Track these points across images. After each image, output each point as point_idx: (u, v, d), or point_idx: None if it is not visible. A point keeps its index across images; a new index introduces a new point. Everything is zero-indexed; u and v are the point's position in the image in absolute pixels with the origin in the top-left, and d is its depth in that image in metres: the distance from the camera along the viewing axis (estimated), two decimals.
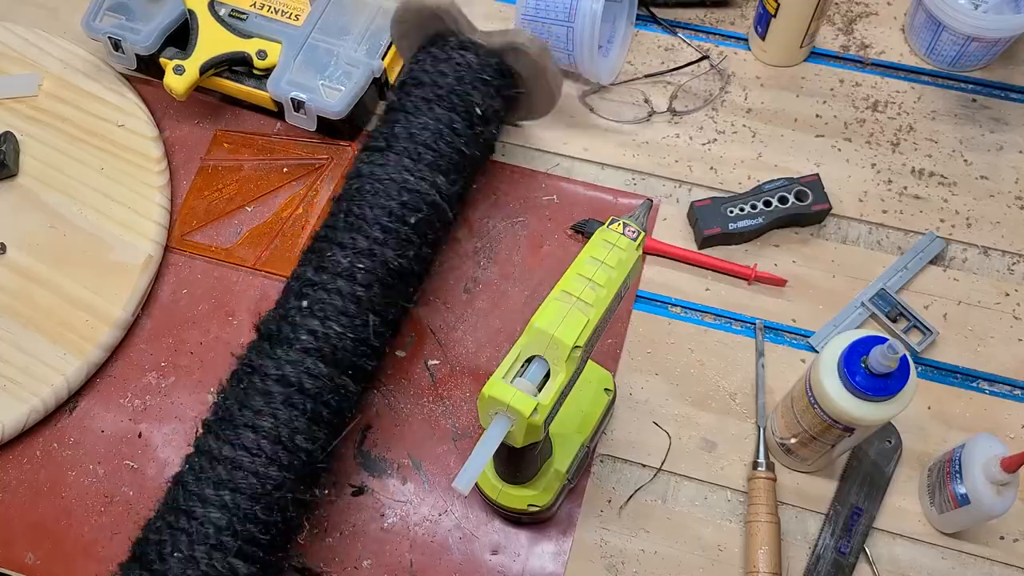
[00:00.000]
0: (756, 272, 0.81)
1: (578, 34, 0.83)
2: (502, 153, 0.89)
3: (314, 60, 0.85)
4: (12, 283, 0.83)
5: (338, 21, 0.87)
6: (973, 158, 0.86)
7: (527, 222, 0.85)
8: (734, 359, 0.79)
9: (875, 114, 0.88)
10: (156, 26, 0.87)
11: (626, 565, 0.73)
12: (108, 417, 0.80)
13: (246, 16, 0.87)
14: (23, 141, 0.88)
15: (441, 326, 0.82)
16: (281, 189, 0.88)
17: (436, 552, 0.74)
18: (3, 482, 0.78)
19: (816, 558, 0.71)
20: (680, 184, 0.87)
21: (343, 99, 0.83)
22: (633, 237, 0.57)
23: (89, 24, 0.88)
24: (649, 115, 0.89)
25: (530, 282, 0.83)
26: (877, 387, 0.59)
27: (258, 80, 0.87)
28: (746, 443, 0.76)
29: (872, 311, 0.79)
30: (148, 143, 0.88)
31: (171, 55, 0.87)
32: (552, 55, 0.78)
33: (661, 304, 0.82)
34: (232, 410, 0.67)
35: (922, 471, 0.74)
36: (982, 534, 0.72)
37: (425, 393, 0.79)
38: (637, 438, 0.77)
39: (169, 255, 0.86)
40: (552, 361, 0.54)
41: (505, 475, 0.67)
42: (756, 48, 0.91)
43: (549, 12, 0.83)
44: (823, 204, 0.82)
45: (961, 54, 0.87)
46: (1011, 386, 0.77)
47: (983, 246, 0.82)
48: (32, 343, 0.80)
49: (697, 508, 0.75)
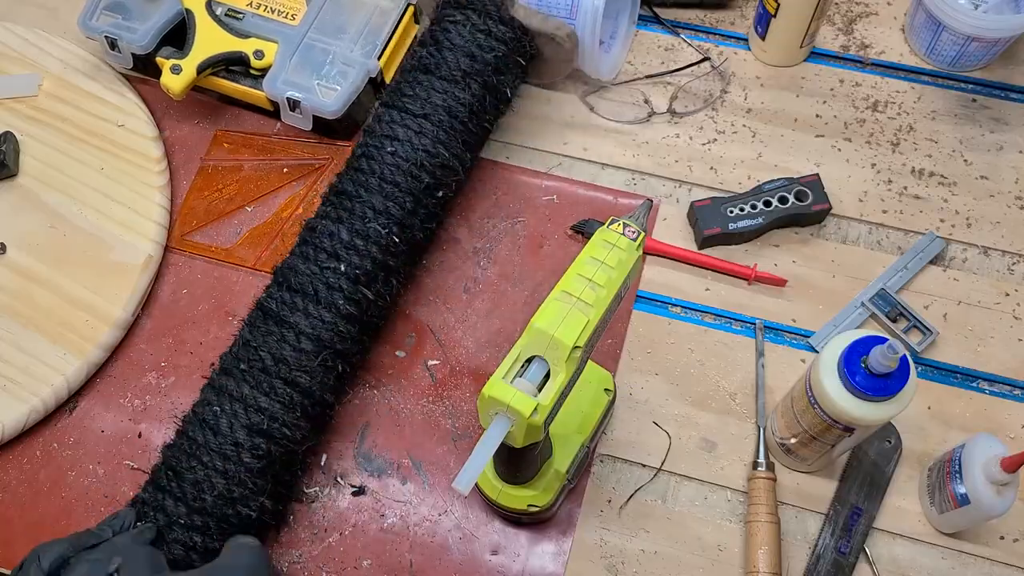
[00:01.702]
0: (756, 272, 0.81)
1: (580, 29, 0.83)
2: (504, 154, 0.89)
3: (310, 59, 0.85)
4: (12, 283, 0.83)
5: (334, 21, 0.87)
6: (973, 158, 0.86)
7: (527, 222, 0.85)
8: (734, 359, 0.79)
9: (875, 114, 0.88)
10: (153, 25, 0.87)
11: (626, 565, 0.73)
12: (108, 417, 0.80)
13: (243, 16, 0.87)
14: (23, 141, 0.88)
15: (441, 326, 0.82)
16: (281, 189, 0.88)
17: (436, 552, 0.74)
18: (3, 482, 0.78)
19: (816, 558, 0.71)
20: (680, 184, 0.87)
21: (339, 99, 0.83)
22: (633, 237, 0.57)
23: (85, 23, 0.88)
24: (649, 115, 0.89)
25: (530, 282, 0.83)
26: (877, 387, 0.59)
27: (255, 80, 0.87)
28: (746, 443, 0.76)
29: (872, 311, 0.79)
30: (148, 143, 0.88)
31: (168, 54, 0.87)
32: (579, 47, 0.79)
33: (661, 304, 0.82)
34: (266, 362, 0.70)
35: (922, 471, 0.74)
36: (982, 534, 0.72)
37: (425, 393, 0.79)
38: (637, 438, 0.77)
39: (169, 255, 0.86)
40: (552, 361, 0.54)
41: (505, 475, 0.67)
42: (756, 48, 0.91)
43: (551, 6, 0.83)
44: (823, 204, 0.82)
45: (961, 54, 0.87)
46: (1011, 386, 0.77)
47: (983, 246, 0.82)
48: (32, 343, 0.80)
49: (697, 508, 0.75)
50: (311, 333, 0.70)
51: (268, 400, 0.69)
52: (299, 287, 0.72)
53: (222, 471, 0.67)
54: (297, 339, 0.70)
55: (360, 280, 0.72)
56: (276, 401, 0.69)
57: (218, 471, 0.67)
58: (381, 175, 0.74)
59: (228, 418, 0.69)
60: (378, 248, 0.73)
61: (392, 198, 0.74)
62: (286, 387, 0.69)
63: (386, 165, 0.74)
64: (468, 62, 0.77)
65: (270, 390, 0.69)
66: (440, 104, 0.76)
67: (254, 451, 0.68)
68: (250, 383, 0.70)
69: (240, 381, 0.70)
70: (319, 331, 0.71)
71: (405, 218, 0.74)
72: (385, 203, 0.73)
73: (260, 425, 0.68)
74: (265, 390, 0.69)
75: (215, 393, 0.71)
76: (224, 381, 0.71)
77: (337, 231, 0.73)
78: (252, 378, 0.70)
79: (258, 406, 0.69)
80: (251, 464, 0.68)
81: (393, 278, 0.75)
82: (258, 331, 0.72)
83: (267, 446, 0.68)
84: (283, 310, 0.72)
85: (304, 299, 0.71)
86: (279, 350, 0.70)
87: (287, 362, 0.70)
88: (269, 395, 0.69)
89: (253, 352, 0.71)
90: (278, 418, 0.69)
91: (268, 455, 0.68)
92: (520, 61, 0.79)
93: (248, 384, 0.70)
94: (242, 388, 0.70)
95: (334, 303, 0.71)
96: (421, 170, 0.75)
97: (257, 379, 0.70)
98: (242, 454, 0.68)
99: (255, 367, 0.70)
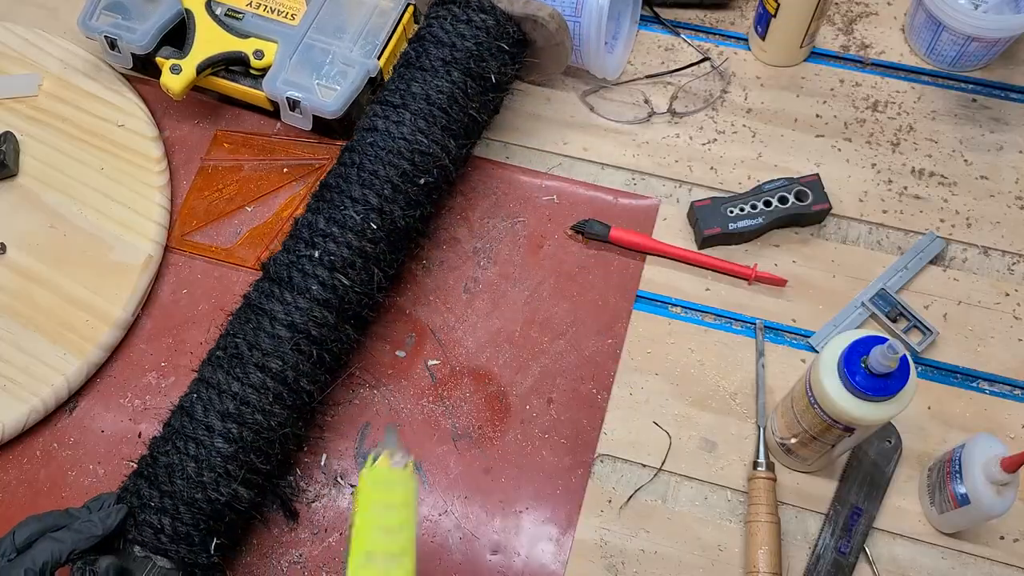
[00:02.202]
0: (756, 272, 0.81)
1: (585, 29, 0.83)
2: (504, 154, 0.89)
3: (310, 59, 0.85)
4: (12, 283, 0.83)
5: (334, 20, 0.87)
6: (973, 158, 0.86)
7: (527, 222, 0.85)
8: (734, 359, 0.79)
9: (875, 114, 0.88)
10: (152, 25, 0.87)
11: (626, 565, 0.73)
12: (108, 417, 0.80)
13: (242, 16, 0.87)
14: (23, 141, 0.88)
15: (441, 326, 0.82)
16: (281, 189, 0.88)
17: (436, 552, 0.74)
18: (3, 482, 0.78)
19: (816, 558, 0.71)
20: (680, 184, 0.87)
21: (339, 98, 0.83)
22: (403, 464, 0.55)
23: (85, 23, 0.88)
24: (649, 115, 0.89)
25: (530, 282, 0.83)
26: (877, 387, 0.59)
27: (254, 80, 0.87)
28: (746, 443, 0.76)
29: (872, 311, 0.79)
30: (148, 143, 0.88)
31: (167, 54, 0.87)
32: (568, 30, 0.79)
33: (661, 304, 0.82)
34: (241, 348, 0.70)
35: (922, 471, 0.74)
36: (982, 534, 0.72)
37: (425, 393, 0.79)
38: (637, 438, 0.77)
39: (169, 255, 0.86)
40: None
41: None
42: (756, 48, 0.91)
43: (556, 5, 0.83)
44: (823, 204, 0.82)
45: (961, 54, 0.87)
46: (1011, 386, 0.77)
47: (983, 246, 0.82)
48: (32, 343, 0.80)
49: (697, 508, 0.75)
50: (285, 319, 0.71)
51: (240, 385, 0.69)
52: (276, 276, 0.73)
53: (194, 456, 0.68)
54: (272, 325, 0.71)
55: (336, 266, 0.72)
56: (248, 386, 0.69)
57: (190, 456, 0.68)
58: (360, 165, 0.75)
59: (203, 404, 0.69)
60: (355, 235, 0.73)
61: (370, 186, 0.74)
62: (259, 372, 0.70)
63: (365, 156, 0.75)
64: (448, 51, 0.77)
65: (243, 375, 0.70)
66: (419, 93, 0.77)
67: (226, 436, 0.68)
68: (224, 369, 0.70)
69: (216, 368, 0.71)
70: (292, 316, 0.71)
71: (383, 204, 0.74)
72: (363, 191, 0.74)
73: (231, 410, 0.69)
74: (238, 375, 0.70)
75: (195, 382, 0.72)
76: (203, 369, 0.72)
77: (315, 220, 0.74)
78: (226, 364, 0.71)
79: (231, 391, 0.69)
80: (223, 449, 0.68)
81: (374, 266, 0.74)
82: (238, 320, 0.73)
83: (239, 431, 0.69)
84: (261, 299, 0.72)
85: (280, 287, 0.72)
86: (254, 337, 0.71)
87: (260, 348, 0.70)
88: (241, 380, 0.70)
89: (230, 340, 0.72)
90: (250, 403, 0.69)
91: (239, 440, 0.68)
92: (503, 46, 0.79)
93: (223, 370, 0.70)
94: (217, 375, 0.70)
95: (308, 289, 0.72)
96: (400, 157, 0.75)
97: (231, 365, 0.70)
98: (214, 439, 0.68)
99: (230, 354, 0.71)
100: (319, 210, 0.75)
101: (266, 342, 0.71)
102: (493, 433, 0.78)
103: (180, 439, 0.69)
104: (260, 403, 0.70)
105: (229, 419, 0.69)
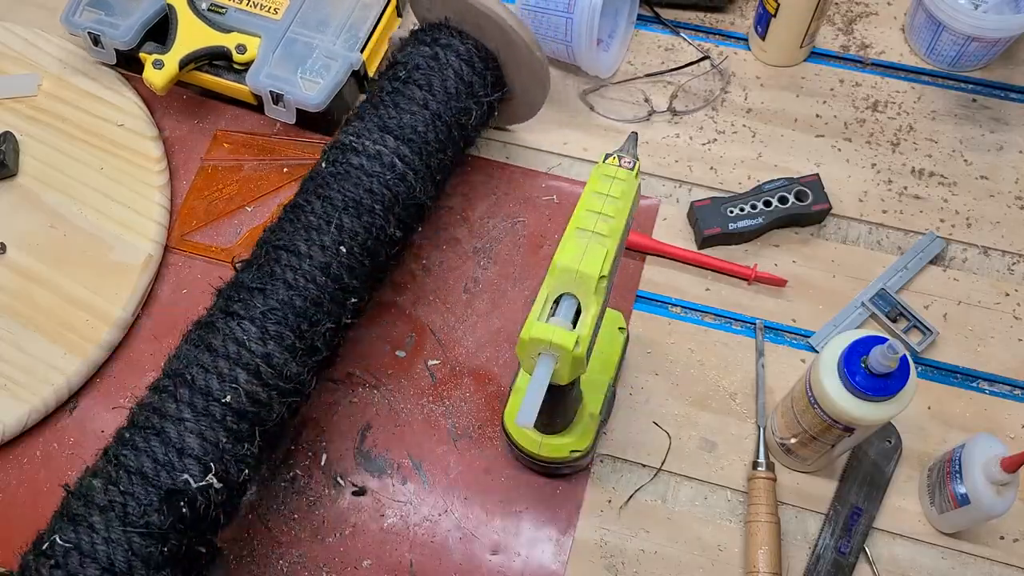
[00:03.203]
0: (756, 272, 0.81)
1: (577, 26, 0.83)
2: (504, 154, 0.89)
3: (293, 53, 0.86)
4: (12, 283, 0.83)
5: (317, 14, 0.87)
6: (973, 158, 0.86)
7: (527, 222, 0.85)
8: (734, 359, 0.79)
9: (875, 114, 0.88)
10: (135, 21, 0.86)
11: (626, 565, 0.73)
12: (108, 417, 0.80)
13: (225, 10, 0.87)
14: (23, 141, 0.88)
15: (441, 326, 0.82)
16: (281, 189, 0.88)
17: (436, 552, 0.74)
18: (3, 482, 0.78)
19: (816, 558, 0.71)
20: (680, 184, 0.87)
21: (322, 92, 0.84)
22: (630, 167, 0.58)
23: (68, 19, 0.88)
24: (649, 115, 0.89)
25: (530, 282, 0.83)
26: (877, 387, 0.59)
27: (238, 74, 0.87)
28: (746, 443, 0.76)
29: (872, 311, 0.79)
30: (148, 143, 0.88)
31: (151, 50, 0.87)
32: (546, 64, 0.79)
33: (661, 304, 0.82)
34: (192, 335, 0.69)
35: (922, 471, 0.74)
36: (982, 534, 0.72)
37: (425, 393, 0.79)
38: (637, 438, 0.77)
39: (169, 255, 0.86)
40: (581, 296, 0.55)
41: (546, 424, 0.68)
42: (756, 48, 0.91)
43: (549, 3, 0.83)
44: (823, 204, 0.82)
45: (961, 54, 0.87)
46: (1011, 386, 0.77)
47: (983, 246, 0.83)
48: (32, 343, 0.80)
49: (697, 508, 0.75)
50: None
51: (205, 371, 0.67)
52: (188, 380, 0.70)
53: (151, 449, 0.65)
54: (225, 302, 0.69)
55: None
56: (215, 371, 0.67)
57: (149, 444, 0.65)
58: (345, 191, 0.74)
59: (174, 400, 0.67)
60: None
61: (356, 214, 0.73)
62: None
63: (349, 180, 0.74)
64: (427, 94, 0.77)
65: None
66: (409, 133, 0.76)
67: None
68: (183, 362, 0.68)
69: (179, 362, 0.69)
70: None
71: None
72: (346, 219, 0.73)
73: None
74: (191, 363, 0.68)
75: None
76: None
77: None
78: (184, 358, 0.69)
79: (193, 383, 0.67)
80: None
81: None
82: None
83: None
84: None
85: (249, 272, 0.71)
86: (208, 318, 0.69)
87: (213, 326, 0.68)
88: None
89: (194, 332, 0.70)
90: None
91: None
92: (484, 93, 0.78)
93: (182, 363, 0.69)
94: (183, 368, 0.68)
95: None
96: (385, 188, 0.74)
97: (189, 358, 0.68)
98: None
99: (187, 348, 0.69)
100: (296, 233, 0.71)
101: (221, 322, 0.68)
102: (493, 433, 0.78)
103: (139, 433, 0.65)
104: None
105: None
